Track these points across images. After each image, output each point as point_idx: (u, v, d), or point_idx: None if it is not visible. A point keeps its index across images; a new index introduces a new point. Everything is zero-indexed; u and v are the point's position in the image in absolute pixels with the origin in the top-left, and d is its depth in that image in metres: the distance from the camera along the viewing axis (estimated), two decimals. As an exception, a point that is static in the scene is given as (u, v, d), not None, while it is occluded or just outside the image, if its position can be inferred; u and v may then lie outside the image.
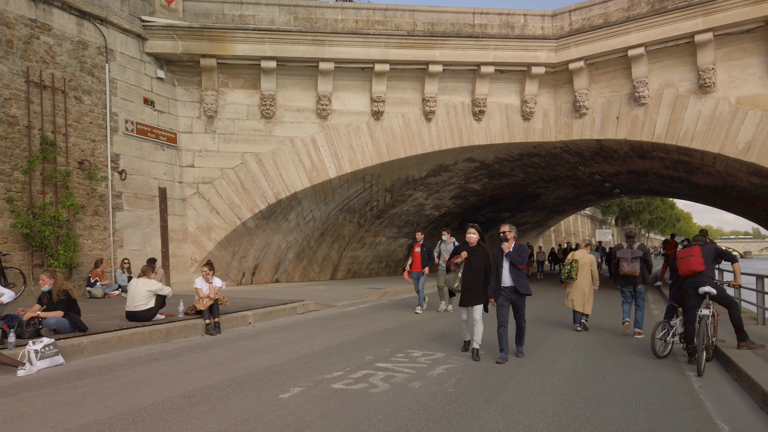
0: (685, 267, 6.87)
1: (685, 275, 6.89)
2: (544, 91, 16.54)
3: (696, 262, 6.69)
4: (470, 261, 6.96)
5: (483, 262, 6.97)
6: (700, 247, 6.86)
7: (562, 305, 14.61)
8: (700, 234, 7.37)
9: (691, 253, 6.79)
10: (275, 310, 10.59)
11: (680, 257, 6.95)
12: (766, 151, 13.33)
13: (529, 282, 7.05)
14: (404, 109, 16.16)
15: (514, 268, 6.92)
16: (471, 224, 7.19)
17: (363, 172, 16.59)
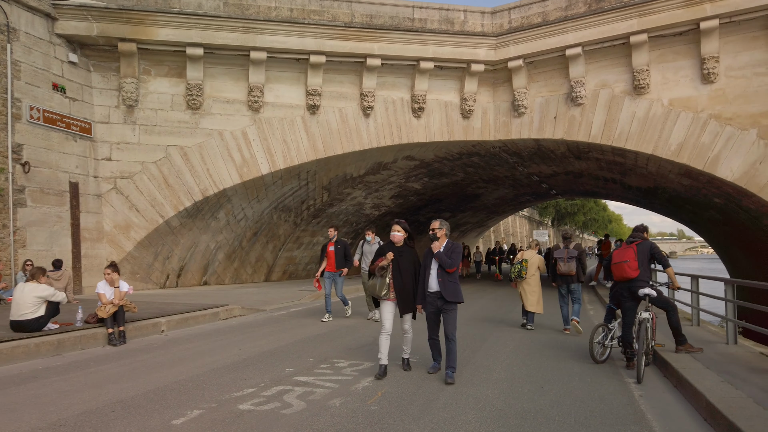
0: (619, 273, 6.60)
1: (620, 281, 6.61)
2: (483, 90, 16.32)
3: (629, 268, 6.40)
4: (398, 263, 6.11)
5: (412, 263, 6.16)
6: (636, 246, 6.56)
7: (500, 305, 14.48)
8: (638, 230, 6.98)
9: (624, 258, 6.48)
10: (194, 317, 9.68)
11: (614, 262, 6.65)
12: (697, 152, 13.56)
13: (461, 286, 6.08)
14: (341, 103, 15.51)
15: (442, 272, 5.97)
16: (396, 221, 6.26)
17: (298, 169, 15.80)
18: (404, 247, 6.23)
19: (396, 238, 6.20)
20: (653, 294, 6.34)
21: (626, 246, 6.72)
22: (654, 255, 6.53)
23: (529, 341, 8.52)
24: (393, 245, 6.23)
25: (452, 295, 5.97)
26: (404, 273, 6.08)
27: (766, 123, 12.91)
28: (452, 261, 5.99)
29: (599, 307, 14.53)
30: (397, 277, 6.08)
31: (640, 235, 6.78)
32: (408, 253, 6.22)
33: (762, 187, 12.87)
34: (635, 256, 6.42)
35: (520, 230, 66.69)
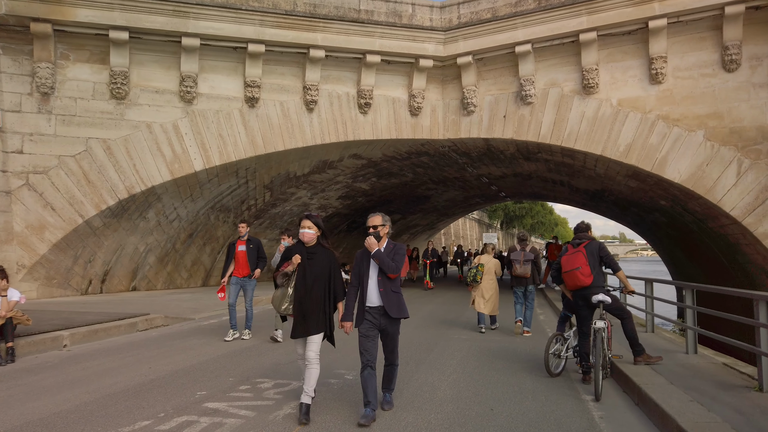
0: (572, 282, 6.00)
1: (574, 289, 6.04)
2: (432, 86, 15.75)
3: (582, 275, 5.82)
4: (305, 269, 4.82)
5: (325, 268, 4.87)
6: (585, 249, 5.98)
7: (449, 309, 13.91)
8: (581, 229, 6.30)
9: (575, 265, 5.88)
10: (106, 328, 8.56)
11: (566, 270, 6.03)
12: (645, 153, 13.39)
13: (404, 298, 5.02)
14: (283, 96, 14.57)
15: (384, 280, 4.80)
16: (306, 214, 5.02)
17: (236, 166, 14.75)
18: (317, 247, 4.96)
19: (306, 237, 4.91)
20: (607, 300, 5.80)
21: (573, 249, 6.13)
22: (603, 258, 5.98)
23: (477, 350, 7.90)
24: (302, 246, 4.97)
25: (398, 309, 4.84)
26: (312, 281, 4.80)
27: (713, 125, 12.86)
28: (397, 264, 4.84)
29: (549, 311, 14.19)
30: (300, 285, 4.79)
31: (585, 236, 6.20)
32: (322, 255, 4.94)
33: (708, 189, 12.81)
34: (586, 260, 5.85)
35: (470, 233, 67.12)
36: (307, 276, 4.81)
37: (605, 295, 5.80)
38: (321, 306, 4.79)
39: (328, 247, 5.05)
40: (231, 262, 8.87)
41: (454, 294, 18.77)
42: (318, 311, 4.77)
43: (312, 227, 4.93)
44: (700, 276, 19.61)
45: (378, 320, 4.80)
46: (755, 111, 12.52)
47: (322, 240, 5.01)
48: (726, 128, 12.76)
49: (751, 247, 13.06)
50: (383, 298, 4.78)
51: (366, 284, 4.84)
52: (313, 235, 4.93)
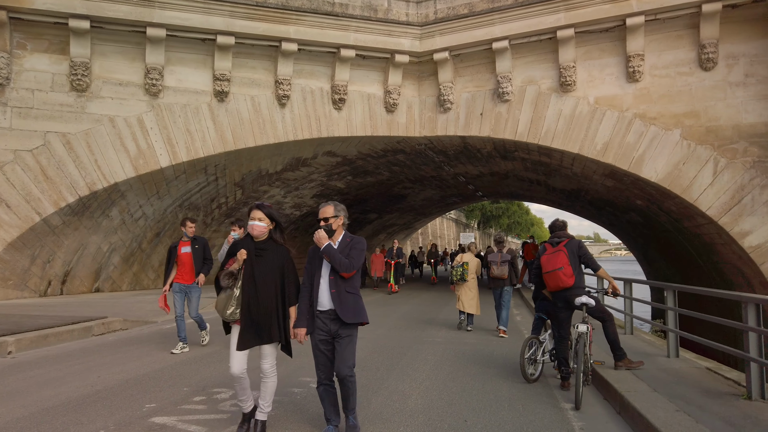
0: (554, 283, 5.67)
1: (555, 290, 5.73)
2: (408, 83, 15.41)
3: (565, 275, 5.50)
4: (253, 268, 4.18)
5: (276, 267, 4.23)
6: (566, 248, 5.69)
7: (425, 310, 13.60)
8: (559, 227, 5.99)
9: (557, 265, 5.57)
10: (57, 333, 8.01)
11: (547, 270, 5.71)
12: (622, 152, 13.26)
13: (363, 300, 4.32)
14: (254, 91, 14.08)
15: (337, 280, 4.13)
16: (257, 203, 4.35)
17: (204, 162, 14.21)
18: (269, 243, 4.27)
19: (256, 230, 4.21)
20: (591, 303, 5.51)
21: (553, 249, 5.82)
22: (582, 257, 5.68)
23: (452, 354, 7.57)
24: (251, 240, 4.28)
25: (352, 313, 4.12)
26: (262, 282, 4.16)
27: (690, 123, 12.78)
28: (351, 261, 4.13)
29: (526, 312, 13.97)
30: (249, 287, 4.14)
31: (565, 234, 5.90)
32: (274, 252, 4.25)
33: (685, 189, 12.72)
34: (568, 260, 5.55)
35: (448, 233, 67.14)
36: (256, 275, 4.15)
37: (588, 297, 5.50)
38: (273, 310, 4.17)
39: (282, 242, 4.35)
40: (173, 267, 7.69)
41: (430, 295, 18.49)
42: (270, 316, 4.15)
43: (263, 219, 4.23)
44: (675, 275, 19.67)
45: (328, 326, 4.13)
46: (731, 110, 12.47)
47: (275, 234, 4.31)
48: (702, 127, 12.69)
49: (727, 247, 13.02)
50: (335, 300, 4.11)
51: (317, 285, 4.20)
52: (264, 229, 4.23)
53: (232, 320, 4.19)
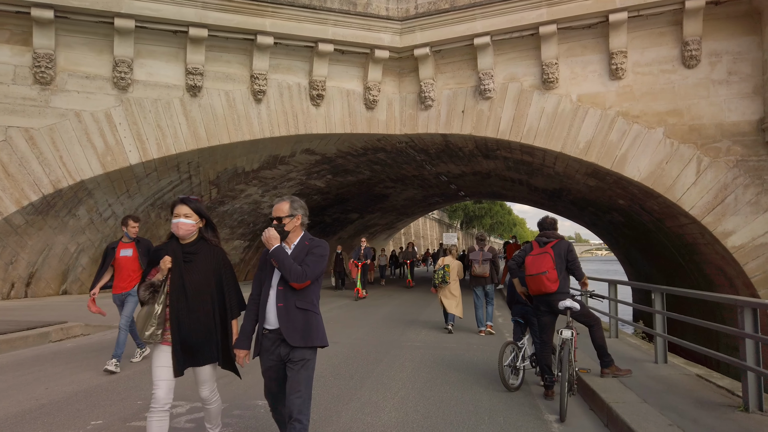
0: (536, 287, 5.29)
1: (536, 294, 5.38)
2: (388, 79, 15.05)
3: (549, 280, 5.14)
4: (182, 276, 3.44)
5: (210, 273, 3.52)
6: (553, 249, 5.34)
7: (405, 312, 13.23)
8: (549, 225, 5.58)
9: (542, 269, 5.21)
10: (10, 339, 7.48)
11: (530, 273, 5.34)
12: (605, 150, 13.05)
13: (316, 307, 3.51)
14: (229, 86, 13.60)
15: (287, 291, 3.36)
16: (182, 197, 3.60)
17: (177, 160, 13.69)
18: (199, 244, 3.55)
19: (182, 229, 3.47)
20: (576, 308, 5.18)
21: (539, 249, 5.47)
22: (569, 262, 5.33)
23: (431, 360, 7.21)
24: (177, 243, 3.53)
25: (301, 334, 3.31)
26: (195, 292, 3.44)
27: (673, 122, 12.61)
28: (305, 269, 3.33)
29: (508, 313, 13.69)
30: (178, 300, 3.41)
31: (554, 234, 5.55)
32: (206, 255, 3.54)
33: (668, 188, 12.55)
34: (553, 263, 5.20)
35: (431, 233, 66.99)
36: (187, 285, 3.40)
37: (573, 300, 5.17)
38: (210, 326, 3.47)
39: (216, 243, 3.62)
40: (106, 271, 6.56)
41: (410, 296, 18.14)
42: (207, 333, 3.44)
43: (190, 215, 3.48)
44: (656, 275, 19.61)
45: (277, 348, 3.35)
46: (714, 108, 12.33)
47: (207, 233, 3.59)
48: (686, 126, 12.54)
49: (709, 247, 12.88)
50: (281, 317, 3.30)
51: (265, 297, 3.43)
52: (193, 227, 3.49)
53: (153, 343, 3.39)
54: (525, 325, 6.07)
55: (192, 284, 3.44)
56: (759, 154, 11.92)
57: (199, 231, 3.57)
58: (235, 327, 3.59)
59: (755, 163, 11.93)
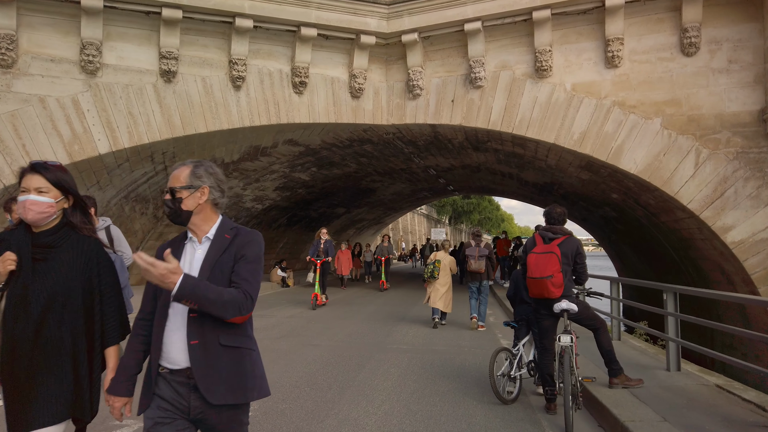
0: (537, 291, 4.67)
1: (537, 298, 4.75)
2: (375, 67, 14.38)
3: (553, 285, 4.52)
4: (25, 285, 2.35)
5: (77, 278, 2.41)
6: (560, 248, 4.72)
7: (392, 310, 12.64)
8: (556, 218, 4.91)
9: (546, 272, 4.56)
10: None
11: (533, 276, 4.67)
12: (600, 142, 12.52)
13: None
14: (206, 71, 12.85)
15: (204, 321, 2.16)
16: (34, 164, 2.63)
17: (150, 149, 12.93)
18: (61, 233, 2.48)
19: (33, 211, 2.43)
20: (573, 309, 4.58)
21: (544, 247, 4.82)
22: (577, 265, 4.71)
23: (418, 365, 6.62)
24: (25, 232, 2.47)
25: (227, 386, 2.17)
26: (47, 307, 2.34)
27: (671, 112, 12.10)
28: (246, 287, 2.19)
29: (499, 311, 13.17)
30: (18, 318, 2.32)
31: (563, 230, 4.92)
32: (71, 250, 2.45)
33: (665, 181, 12.05)
34: (559, 265, 4.58)
35: (419, 228, 66.50)
36: (31, 298, 2.30)
37: (570, 302, 4.56)
38: (63, 360, 2.32)
39: (88, 231, 2.52)
40: None
41: (397, 293, 17.56)
42: (54, 372, 2.30)
43: (47, 189, 2.45)
44: (648, 272, 19.21)
45: (184, 399, 2.19)
46: (714, 98, 11.84)
47: (74, 217, 2.51)
48: (684, 116, 12.03)
49: (707, 243, 12.42)
50: (195, 360, 2.15)
51: (162, 320, 2.23)
52: (49, 209, 2.43)
53: None
54: (529, 329, 5.48)
55: (43, 294, 2.31)
56: (760, 145, 11.46)
57: (63, 213, 2.48)
58: (112, 360, 2.44)
59: (756, 155, 11.47)
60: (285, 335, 8.17)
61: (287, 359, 6.44)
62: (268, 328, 9.39)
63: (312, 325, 9.55)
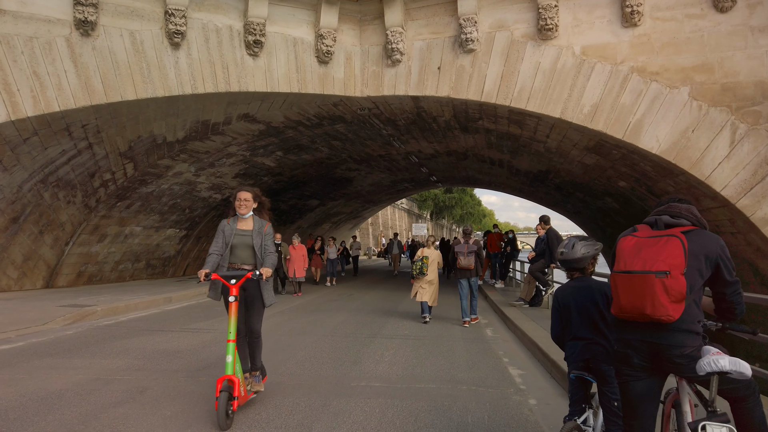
0: (632, 300, 2.51)
1: (629, 317, 2.58)
2: (347, 27, 12.08)
3: (668, 294, 2.39)
4: None
5: None
6: (686, 237, 2.51)
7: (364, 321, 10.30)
8: (678, 199, 2.82)
9: (659, 265, 2.44)
10: None
11: (627, 269, 2.55)
12: (615, 116, 10.42)
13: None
14: (135, 24, 10.41)
15: None
16: None
17: (65, 120, 10.46)
18: None
19: None
20: (737, 371, 2.27)
21: (654, 233, 2.67)
22: (721, 271, 2.47)
23: (398, 419, 4.38)
24: None
25: None
26: None
27: (701, 80, 10.06)
28: None
29: (494, 318, 11.00)
30: None
31: (690, 214, 2.72)
32: None
33: (694, 163, 10.00)
34: (685, 262, 2.40)
35: (400, 223, 64.36)
36: None
37: (721, 354, 2.27)
38: None
39: None
40: None
41: (377, 294, 15.28)
42: None
43: None
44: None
45: None
46: (753, 62, 9.82)
47: None
48: (717, 84, 10.00)
49: (739, 237, 10.39)
50: None
51: None
52: None
53: None
54: (589, 385, 3.24)
55: None
56: (811, 119, 9.48)
57: None
58: None
59: (805, 130, 9.48)
60: (205, 367, 5.87)
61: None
62: (196, 350, 7.09)
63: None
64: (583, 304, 3.27)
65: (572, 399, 3.25)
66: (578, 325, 3.24)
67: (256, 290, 4.76)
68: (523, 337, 8.11)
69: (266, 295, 4.79)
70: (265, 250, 4.80)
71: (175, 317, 10.13)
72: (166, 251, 18.54)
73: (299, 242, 15.51)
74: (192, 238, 19.31)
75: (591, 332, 3.19)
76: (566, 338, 3.30)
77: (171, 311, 10.95)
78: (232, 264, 4.80)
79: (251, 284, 4.72)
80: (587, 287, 3.33)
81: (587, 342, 3.15)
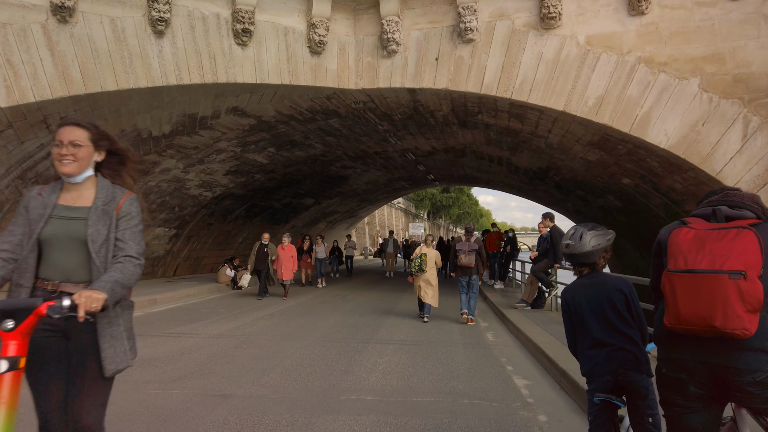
0: (695, 307, 1.98)
1: (689, 330, 2.03)
2: (340, 17, 11.55)
3: (743, 300, 1.87)
4: None
5: None
6: (760, 232, 1.98)
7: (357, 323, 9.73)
8: (727, 191, 2.34)
9: (732, 264, 1.92)
10: None
11: (685, 266, 2.03)
12: (622, 109, 9.93)
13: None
14: (116, 11, 9.86)
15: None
16: None
17: (41, 112, 9.90)
18: None
19: None
20: None
21: (716, 225, 2.15)
22: None
23: None
24: None
25: None
26: None
27: (712, 70, 9.58)
28: None
29: (495, 321, 10.49)
30: None
31: (755, 208, 2.17)
32: None
33: (704, 158, 9.52)
34: (762, 258, 1.92)
35: (397, 222, 63.86)
36: None
37: None
38: None
39: None
40: None
41: (372, 294, 14.76)
42: None
43: None
44: (647, 266, 16.84)
45: None
46: (767, 52, 9.35)
47: None
48: (728, 75, 9.53)
49: (751, 235, 9.93)
50: None
51: None
52: None
53: None
54: (615, 410, 2.71)
55: None
56: (829, 111, 9.01)
57: None
58: None
59: (823, 123, 9.01)
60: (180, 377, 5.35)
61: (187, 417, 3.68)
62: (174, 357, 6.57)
63: (241, 352, 6.73)
64: (597, 305, 2.74)
65: (594, 424, 2.73)
66: (597, 329, 2.71)
67: (89, 339, 2.32)
68: (527, 342, 7.60)
69: (110, 352, 2.34)
70: (118, 252, 2.38)
71: (157, 320, 9.60)
72: (155, 251, 17.96)
73: (289, 242, 14.68)
74: (182, 238, 18.75)
75: (613, 337, 2.67)
76: (581, 346, 2.78)
77: (154, 314, 10.41)
78: (43, 280, 2.35)
79: (78, 327, 2.26)
80: (601, 284, 2.79)
81: (612, 349, 2.62)
